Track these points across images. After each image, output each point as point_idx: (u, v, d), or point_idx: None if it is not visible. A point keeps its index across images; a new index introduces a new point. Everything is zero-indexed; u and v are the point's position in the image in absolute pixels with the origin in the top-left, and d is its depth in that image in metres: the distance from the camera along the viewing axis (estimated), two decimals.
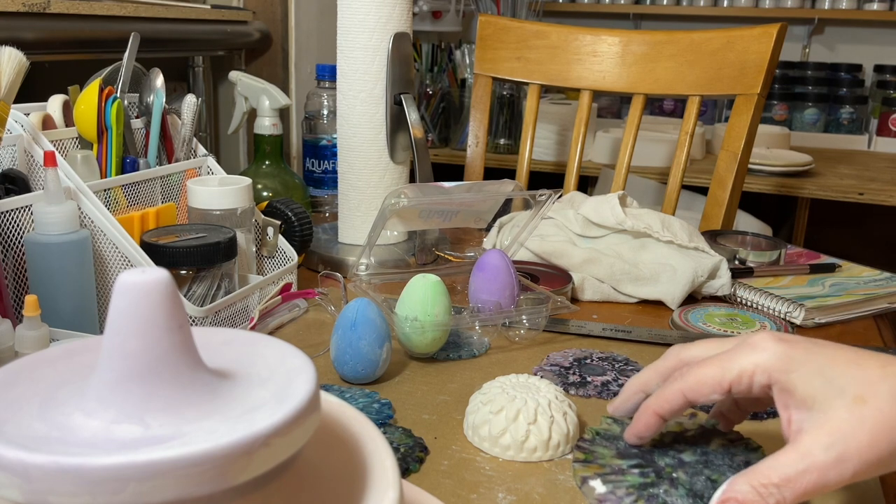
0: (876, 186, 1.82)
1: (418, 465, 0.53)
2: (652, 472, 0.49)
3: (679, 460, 0.50)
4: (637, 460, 0.50)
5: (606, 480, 0.49)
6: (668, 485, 0.48)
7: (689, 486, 0.47)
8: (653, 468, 0.49)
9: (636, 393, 0.50)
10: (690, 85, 1.19)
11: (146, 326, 0.26)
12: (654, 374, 0.49)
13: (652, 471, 0.49)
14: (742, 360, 0.43)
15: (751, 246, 0.97)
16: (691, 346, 0.49)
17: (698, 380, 0.44)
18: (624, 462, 0.50)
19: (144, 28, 1.13)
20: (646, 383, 0.50)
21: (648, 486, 0.48)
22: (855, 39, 2.58)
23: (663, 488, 0.47)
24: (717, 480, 0.48)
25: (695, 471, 0.49)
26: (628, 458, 0.50)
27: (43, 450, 0.24)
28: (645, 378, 0.50)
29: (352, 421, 0.34)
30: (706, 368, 0.44)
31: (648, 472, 0.49)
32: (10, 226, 0.65)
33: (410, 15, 0.94)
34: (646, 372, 0.50)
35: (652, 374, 0.50)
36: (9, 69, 0.64)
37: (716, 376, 0.44)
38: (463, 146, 1.97)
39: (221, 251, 0.71)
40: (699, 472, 0.49)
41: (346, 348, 0.63)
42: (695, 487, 0.47)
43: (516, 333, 0.75)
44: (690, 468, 0.49)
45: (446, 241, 1.05)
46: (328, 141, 1.22)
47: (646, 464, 0.50)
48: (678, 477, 0.48)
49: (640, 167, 1.87)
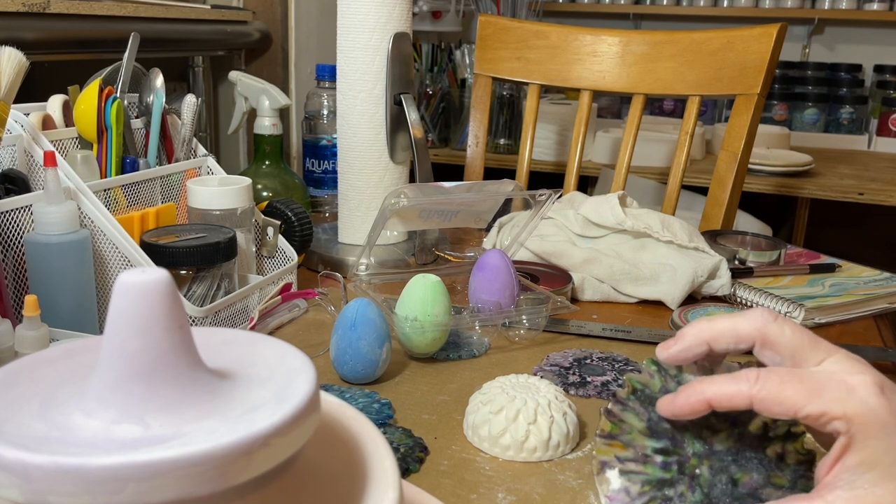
0: (876, 186, 1.82)
1: (418, 465, 0.53)
2: (675, 465, 0.45)
3: (709, 448, 0.45)
4: (665, 442, 0.46)
5: (624, 471, 0.45)
6: (685, 486, 0.45)
7: (706, 491, 0.45)
8: (677, 458, 0.45)
9: (700, 344, 0.43)
10: (690, 85, 1.19)
11: (146, 326, 0.26)
12: (729, 333, 0.43)
13: (676, 462, 0.45)
14: (833, 404, 0.38)
15: (751, 246, 0.97)
16: (783, 323, 0.42)
17: (775, 398, 0.39)
18: (651, 443, 0.46)
19: (144, 28, 1.13)
20: (716, 339, 0.43)
21: (665, 484, 0.45)
22: (855, 39, 2.58)
23: (680, 490, 0.45)
24: (740, 481, 0.45)
25: (720, 467, 0.45)
26: (657, 437, 0.46)
27: (43, 450, 0.24)
28: (718, 331, 0.43)
29: (352, 421, 0.34)
30: (789, 388, 0.39)
31: (671, 465, 0.45)
32: (10, 226, 0.65)
33: (410, 15, 0.94)
34: (720, 323, 0.43)
35: (726, 332, 0.43)
36: (9, 69, 0.64)
37: (795, 403, 0.38)
38: (463, 146, 1.97)
39: (221, 251, 0.71)
40: (725, 468, 0.45)
41: (346, 348, 0.63)
42: (712, 493, 0.45)
43: (516, 333, 0.75)
44: (717, 461, 0.45)
45: (446, 241, 1.05)
46: (328, 141, 1.22)
47: (673, 449, 0.46)
48: (700, 474, 0.45)
49: (640, 167, 1.87)
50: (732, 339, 0.43)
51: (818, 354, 0.41)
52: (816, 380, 0.39)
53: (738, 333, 0.42)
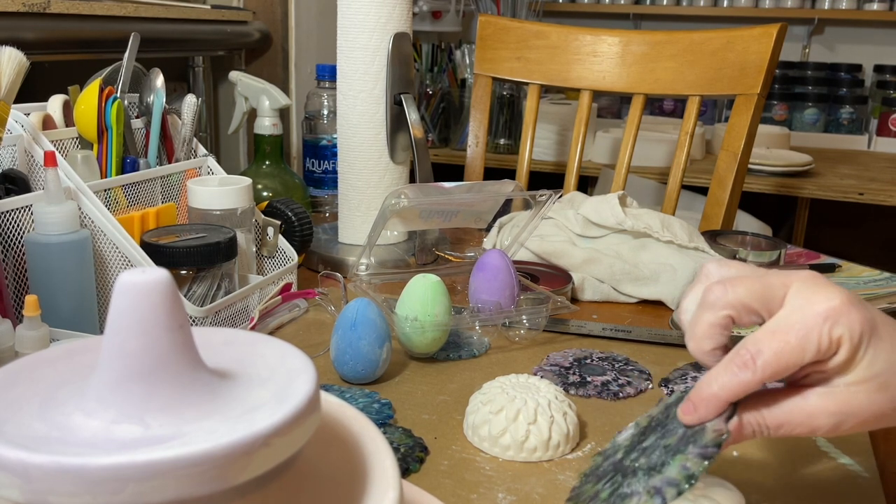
0: (876, 186, 1.82)
1: (418, 465, 0.53)
2: (619, 476, 0.47)
3: (641, 450, 0.47)
4: (610, 475, 0.48)
5: None
6: (631, 477, 0.45)
7: (646, 467, 0.45)
8: (621, 472, 0.47)
9: (724, 332, 0.43)
10: (690, 85, 1.19)
11: (146, 326, 0.26)
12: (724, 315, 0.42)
13: (620, 475, 0.47)
14: (825, 339, 0.39)
15: (751, 246, 0.97)
16: (731, 287, 0.42)
17: (776, 368, 0.40)
18: (600, 484, 0.47)
19: (144, 28, 1.13)
20: (727, 388, 0.42)
21: (615, 490, 0.46)
22: (855, 39, 2.58)
23: (627, 482, 0.45)
24: (669, 444, 0.45)
25: (652, 449, 0.46)
26: (603, 479, 0.48)
27: (43, 450, 0.24)
28: (727, 383, 0.42)
29: (352, 421, 0.34)
30: (785, 352, 0.40)
31: (617, 479, 0.47)
32: (10, 226, 0.65)
33: (410, 15, 0.94)
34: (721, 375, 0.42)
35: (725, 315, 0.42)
36: (9, 69, 0.64)
37: (797, 360, 0.40)
38: (463, 146, 1.97)
39: (221, 251, 0.71)
40: (656, 446, 0.46)
41: (346, 348, 0.63)
42: (651, 463, 0.45)
43: (516, 333, 0.75)
44: (650, 450, 0.46)
45: (446, 241, 1.05)
46: (328, 141, 1.22)
47: (615, 472, 0.47)
48: (639, 465, 0.46)
49: (640, 167, 1.87)
50: (721, 349, 0.43)
51: (778, 293, 0.42)
52: (799, 328, 0.40)
53: (720, 340, 0.43)
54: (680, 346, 0.74)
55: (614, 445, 0.51)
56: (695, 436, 0.44)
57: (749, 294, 0.42)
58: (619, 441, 0.51)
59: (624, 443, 0.50)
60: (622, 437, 0.51)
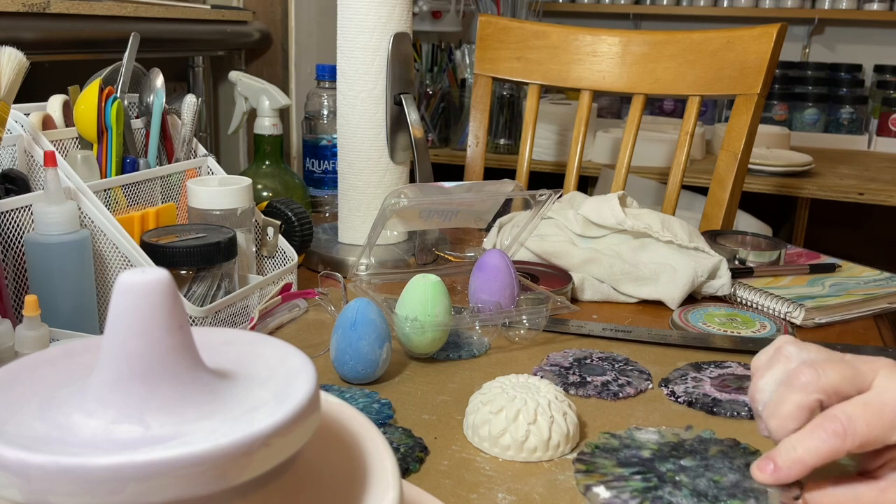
0: (876, 186, 1.82)
1: (418, 465, 0.53)
2: (654, 478, 0.49)
3: (680, 466, 0.50)
4: (638, 468, 0.50)
5: (610, 486, 0.49)
6: (671, 487, 0.48)
7: (692, 487, 0.48)
8: (655, 473, 0.50)
9: (810, 415, 0.43)
10: (690, 85, 1.19)
11: (146, 326, 0.26)
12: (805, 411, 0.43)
13: (654, 476, 0.50)
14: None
15: (751, 246, 0.97)
16: (823, 370, 0.43)
17: (865, 440, 0.41)
18: (625, 470, 0.50)
19: (144, 28, 1.13)
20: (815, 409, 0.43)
21: (652, 489, 0.48)
22: (855, 39, 2.58)
23: (667, 489, 0.48)
24: (720, 481, 0.48)
25: (696, 474, 0.49)
26: (629, 467, 0.51)
27: (43, 450, 0.24)
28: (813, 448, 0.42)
29: (352, 421, 0.34)
30: (875, 426, 0.41)
31: (651, 478, 0.49)
32: (10, 226, 0.65)
33: (410, 15, 0.94)
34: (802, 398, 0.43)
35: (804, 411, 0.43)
36: (9, 69, 0.64)
37: (885, 437, 0.41)
38: (463, 146, 1.97)
39: (221, 251, 0.71)
40: (700, 474, 0.49)
41: (346, 348, 0.63)
42: (698, 488, 0.48)
43: (516, 333, 0.75)
44: (692, 472, 0.50)
45: (446, 241, 1.05)
46: (328, 141, 1.22)
47: (647, 470, 0.50)
48: (681, 480, 0.49)
49: (640, 167, 1.87)
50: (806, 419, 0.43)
51: (867, 377, 0.43)
52: (894, 405, 0.41)
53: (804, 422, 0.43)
54: (680, 347, 0.74)
55: (633, 438, 0.54)
56: (755, 492, 0.46)
57: (842, 379, 0.42)
58: (639, 437, 0.54)
59: (649, 444, 0.53)
60: (643, 436, 0.54)
